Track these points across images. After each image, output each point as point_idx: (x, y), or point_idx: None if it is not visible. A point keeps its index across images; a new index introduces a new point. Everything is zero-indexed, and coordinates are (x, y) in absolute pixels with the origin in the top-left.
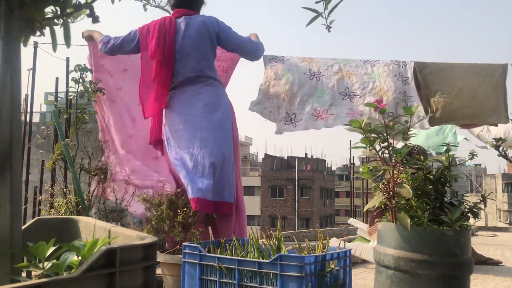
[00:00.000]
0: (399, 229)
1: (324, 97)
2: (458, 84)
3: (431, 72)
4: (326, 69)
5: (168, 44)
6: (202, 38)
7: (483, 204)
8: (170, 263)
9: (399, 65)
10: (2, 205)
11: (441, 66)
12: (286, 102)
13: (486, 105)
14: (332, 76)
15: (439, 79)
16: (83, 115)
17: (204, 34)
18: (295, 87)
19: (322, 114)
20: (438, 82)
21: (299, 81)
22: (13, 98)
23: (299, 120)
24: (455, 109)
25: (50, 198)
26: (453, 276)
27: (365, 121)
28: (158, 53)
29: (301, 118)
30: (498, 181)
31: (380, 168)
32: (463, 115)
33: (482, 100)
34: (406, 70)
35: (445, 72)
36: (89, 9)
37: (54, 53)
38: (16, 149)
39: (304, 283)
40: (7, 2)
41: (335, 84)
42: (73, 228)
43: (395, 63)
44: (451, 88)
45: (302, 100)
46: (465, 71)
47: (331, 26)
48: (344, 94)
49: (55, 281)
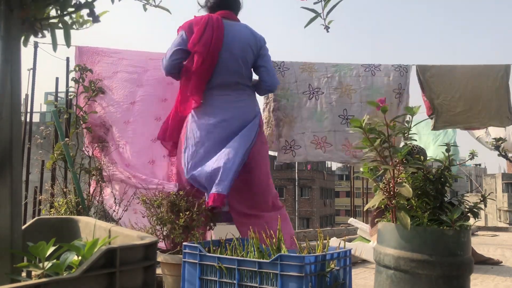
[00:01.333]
0: (399, 229)
1: (324, 121)
2: (461, 86)
3: (433, 75)
4: (326, 82)
5: (216, 38)
6: (249, 47)
7: (483, 204)
8: (170, 263)
9: (400, 72)
10: (2, 205)
11: (443, 69)
12: (286, 129)
13: (489, 108)
14: (331, 94)
15: (442, 82)
16: (83, 115)
17: (251, 44)
18: (294, 111)
19: (321, 142)
20: (441, 85)
21: (298, 103)
22: (13, 98)
23: (299, 147)
24: (459, 113)
25: (50, 198)
26: (453, 276)
27: (366, 120)
28: (203, 44)
29: (300, 145)
30: (498, 181)
31: (380, 168)
32: (467, 119)
33: (485, 102)
34: (407, 77)
35: (447, 76)
36: (89, 9)
37: (54, 53)
38: (16, 149)
39: (304, 283)
40: (7, 2)
41: (334, 104)
42: (73, 228)
43: (396, 69)
44: (454, 91)
45: (302, 125)
46: (467, 73)
47: (330, 27)
48: (342, 117)
49: (55, 281)
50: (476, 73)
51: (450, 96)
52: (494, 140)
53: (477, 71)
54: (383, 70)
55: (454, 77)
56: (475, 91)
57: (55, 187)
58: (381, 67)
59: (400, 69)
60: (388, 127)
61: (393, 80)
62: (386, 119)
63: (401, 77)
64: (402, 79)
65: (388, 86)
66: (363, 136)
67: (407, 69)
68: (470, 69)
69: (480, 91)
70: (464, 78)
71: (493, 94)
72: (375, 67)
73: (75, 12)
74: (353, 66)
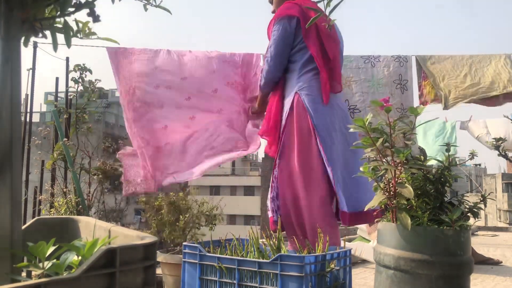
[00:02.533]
0: (399, 229)
1: None
2: (465, 67)
3: (434, 62)
4: None
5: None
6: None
7: (483, 204)
8: (170, 263)
9: (400, 62)
10: (2, 205)
11: (442, 57)
12: None
13: (499, 78)
14: None
15: (444, 66)
16: (83, 115)
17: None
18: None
19: None
20: (444, 69)
21: None
22: (13, 98)
23: None
24: (467, 87)
25: (50, 197)
26: (453, 276)
27: (369, 120)
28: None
29: None
30: (498, 181)
31: (381, 168)
32: (478, 91)
33: (493, 76)
34: (407, 68)
35: (447, 61)
36: (90, 9)
37: (54, 53)
38: (16, 149)
39: (304, 283)
40: (7, 1)
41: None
42: (73, 228)
43: (396, 60)
44: (459, 71)
45: None
46: (467, 60)
47: (332, 25)
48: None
49: (55, 281)
50: (477, 59)
51: (455, 75)
52: (494, 140)
53: (478, 57)
54: (382, 61)
55: (455, 63)
56: (480, 71)
57: (55, 187)
58: (381, 58)
59: (400, 59)
60: (391, 127)
61: (393, 71)
62: (389, 119)
63: (400, 67)
64: (402, 70)
65: (389, 77)
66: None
67: (406, 59)
68: (470, 57)
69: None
70: (465, 63)
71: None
72: (374, 58)
73: (75, 12)
74: (353, 58)
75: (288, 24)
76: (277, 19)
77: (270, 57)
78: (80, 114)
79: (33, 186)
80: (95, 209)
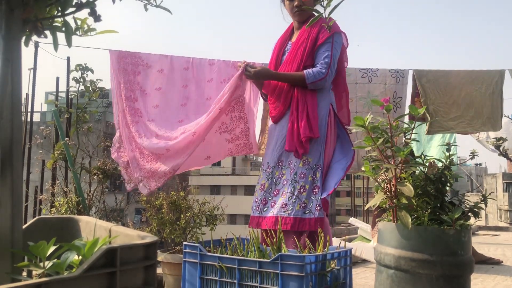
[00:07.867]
0: (399, 228)
1: None
2: (454, 92)
3: (428, 81)
4: None
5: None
6: None
7: (484, 203)
8: (171, 263)
9: (396, 78)
10: (2, 204)
11: (439, 74)
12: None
13: (482, 114)
14: None
15: (436, 88)
16: (83, 115)
17: None
18: None
19: None
20: (436, 91)
21: None
22: (13, 97)
23: None
24: (452, 118)
25: (51, 197)
26: (454, 275)
27: (369, 119)
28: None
29: None
30: (498, 181)
31: (382, 167)
32: (460, 124)
33: (478, 108)
34: (403, 84)
35: (442, 81)
36: (90, 8)
37: (55, 52)
38: (17, 149)
39: (305, 283)
40: (8, 1)
41: None
42: (74, 227)
43: (393, 75)
44: (448, 98)
45: None
46: (462, 78)
47: (331, 26)
48: None
49: (55, 280)
50: (471, 79)
51: (444, 102)
52: (495, 140)
53: (473, 76)
54: (380, 75)
55: (449, 83)
56: (468, 97)
57: (55, 187)
58: (378, 72)
59: (397, 74)
60: (391, 127)
61: (388, 88)
62: (390, 119)
63: (396, 84)
64: (398, 87)
65: (383, 95)
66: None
67: (403, 74)
68: (465, 74)
69: (473, 97)
70: (458, 84)
71: (486, 100)
72: (372, 72)
73: (76, 12)
74: (350, 72)
75: (342, 42)
76: (337, 33)
77: (328, 65)
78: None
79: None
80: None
